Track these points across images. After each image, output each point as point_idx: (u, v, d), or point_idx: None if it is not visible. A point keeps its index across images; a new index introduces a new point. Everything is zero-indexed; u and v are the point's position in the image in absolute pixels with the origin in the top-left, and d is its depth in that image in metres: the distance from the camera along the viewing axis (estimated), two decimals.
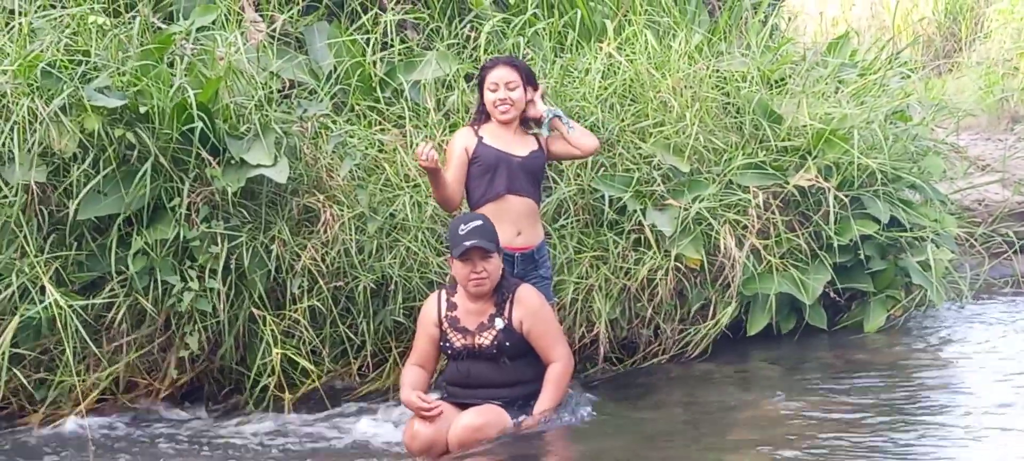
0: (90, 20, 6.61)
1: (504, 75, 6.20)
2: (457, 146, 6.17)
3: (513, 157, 6.16)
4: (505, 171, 6.13)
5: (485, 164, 6.11)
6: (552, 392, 5.78)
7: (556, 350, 5.83)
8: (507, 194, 6.12)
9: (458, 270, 5.71)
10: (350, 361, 6.73)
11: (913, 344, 7.27)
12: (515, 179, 6.16)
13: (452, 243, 5.70)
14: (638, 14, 8.20)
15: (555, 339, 5.86)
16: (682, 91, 7.48)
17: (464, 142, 6.17)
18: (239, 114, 6.60)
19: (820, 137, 7.38)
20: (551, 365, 5.81)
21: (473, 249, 5.62)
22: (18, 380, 6.13)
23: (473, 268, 5.65)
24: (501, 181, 6.12)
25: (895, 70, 9.04)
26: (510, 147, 6.18)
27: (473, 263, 5.65)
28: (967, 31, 16.92)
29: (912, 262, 7.47)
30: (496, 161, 6.11)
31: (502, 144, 6.17)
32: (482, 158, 6.12)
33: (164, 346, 6.48)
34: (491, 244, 5.67)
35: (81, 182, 6.16)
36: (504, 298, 5.78)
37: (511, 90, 6.18)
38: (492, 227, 5.74)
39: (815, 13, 15.27)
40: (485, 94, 6.22)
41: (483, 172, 6.11)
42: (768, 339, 7.26)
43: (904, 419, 5.67)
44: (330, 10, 8.20)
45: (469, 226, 5.68)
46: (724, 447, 5.49)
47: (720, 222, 7.13)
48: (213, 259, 6.28)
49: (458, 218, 5.88)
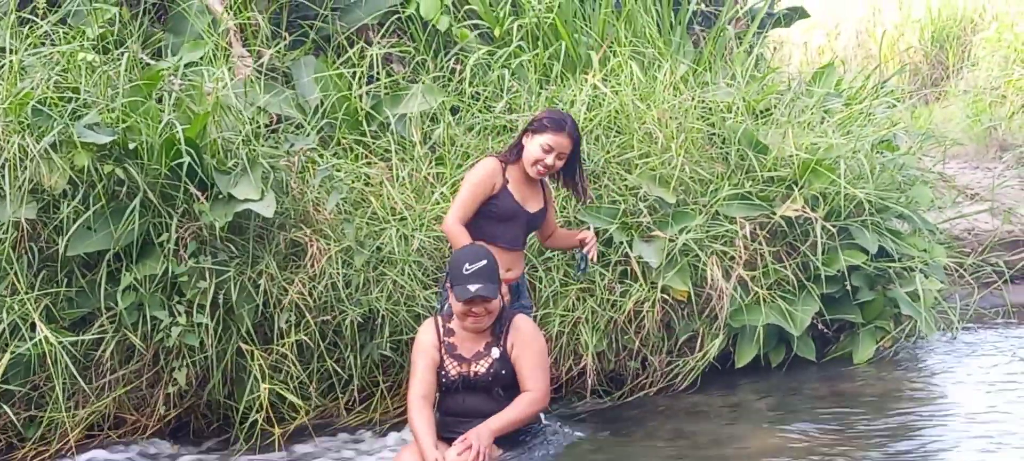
0: (79, 57, 6.62)
1: (563, 145, 6.17)
2: (486, 180, 6.13)
3: (526, 212, 6.21)
4: (515, 226, 6.19)
5: (501, 213, 6.13)
6: (512, 411, 5.66)
7: (534, 380, 5.73)
8: (511, 249, 6.19)
9: (457, 307, 5.69)
10: (338, 395, 6.73)
11: (903, 375, 7.27)
12: (521, 233, 6.24)
13: (453, 278, 5.66)
14: (623, 45, 8.24)
15: (537, 370, 5.76)
16: (668, 122, 7.51)
17: (492, 179, 6.14)
18: (227, 149, 6.60)
19: (806, 167, 7.40)
20: (524, 392, 5.73)
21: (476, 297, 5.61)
22: (8, 417, 6.12)
23: (472, 309, 5.65)
24: (510, 233, 6.18)
25: (881, 99, 9.06)
26: (526, 201, 6.21)
27: (474, 306, 5.64)
28: (954, 59, 16.98)
29: (901, 293, 7.49)
30: (512, 214, 6.14)
31: (521, 196, 6.19)
32: (501, 207, 6.14)
33: (152, 382, 6.46)
34: (495, 289, 5.64)
35: (71, 218, 6.16)
36: (502, 327, 5.77)
37: (559, 159, 6.20)
38: (496, 265, 5.70)
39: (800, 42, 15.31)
40: (535, 145, 6.15)
41: (497, 218, 6.12)
42: (756, 371, 7.27)
43: (895, 451, 5.68)
44: (317, 44, 8.23)
45: (474, 267, 5.60)
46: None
47: (707, 253, 7.14)
48: (201, 294, 6.27)
49: (463, 253, 5.78)
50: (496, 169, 6.16)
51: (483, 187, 6.12)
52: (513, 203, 6.15)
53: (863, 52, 17.73)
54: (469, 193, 6.11)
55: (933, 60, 17.33)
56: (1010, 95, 14.70)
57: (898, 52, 17.30)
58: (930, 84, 16.68)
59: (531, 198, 6.25)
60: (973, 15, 17.42)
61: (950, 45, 17.18)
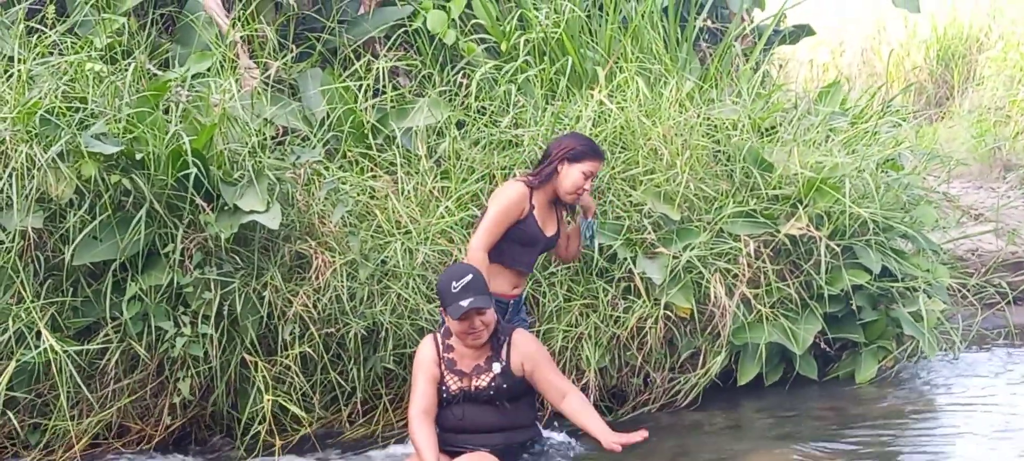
0: (87, 67, 6.65)
1: (599, 169, 6.25)
2: (515, 206, 6.09)
3: (545, 237, 6.23)
4: (534, 251, 6.23)
5: (524, 238, 6.13)
6: (592, 412, 5.80)
7: (565, 382, 5.87)
8: (525, 271, 6.24)
9: (455, 327, 5.70)
10: (341, 408, 6.74)
11: (905, 396, 7.26)
12: (537, 257, 6.32)
13: (444, 300, 5.67)
14: (629, 61, 8.24)
15: (558, 376, 5.88)
16: (673, 139, 7.52)
17: (521, 205, 6.10)
18: (233, 160, 6.63)
19: (811, 186, 7.40)
20: (569, 396, 5.79)
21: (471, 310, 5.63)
22: (12, 425, 6.14)
23: (470, 324, 5.66)
24: (528, 257, 6.21)
25: (887, 118, 9.07)
26: (546, 226, 6.23)
27: (470, 320, 5.66)
28: (959, 79, 16.98)
29: (904, 313, 7.48)
30: (533, 240, 6.15)
31: (542, 221, 6.19)
32: (525, 232, 6.13)
33: (156, 391, 6.49)
34: (486, 300, 5.66)
35: (77, 228, 6.19)
36: (500, 342, 5.78)
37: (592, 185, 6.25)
38: (482, 278, 5.73)
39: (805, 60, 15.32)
40: (575, 172, 6.14)
41: (519, 243, 6.12)
42: (758, 389, 7.26)
43: None
44: (323, 57, 8.26)
45: (461, 283, 5.63)
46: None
47: (710, 271, 7.14)
48: (206, 305, 6.29)
49: (447, 272, 5.80)
50: (524, 195, 6.13)
51: (512, 214, 6.08)
52: (536, 228, 6.15)
53: (868, 70, 17.74)
54: (498, 219, 6.07)
55: (938, 79, 17.32)
56: (1015, 115, 14.69)
57: (903, 71, 17.30)
58: (935, 103, 16.68)
59: (550, 222, 6.26)
60: (978, 34, 17.41)
61: (955, 64, 17.18)
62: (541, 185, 6.19)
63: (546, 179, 6.17)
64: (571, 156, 6.15)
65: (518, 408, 5.84)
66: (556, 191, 6.20)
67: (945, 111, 16.11)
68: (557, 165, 6.17)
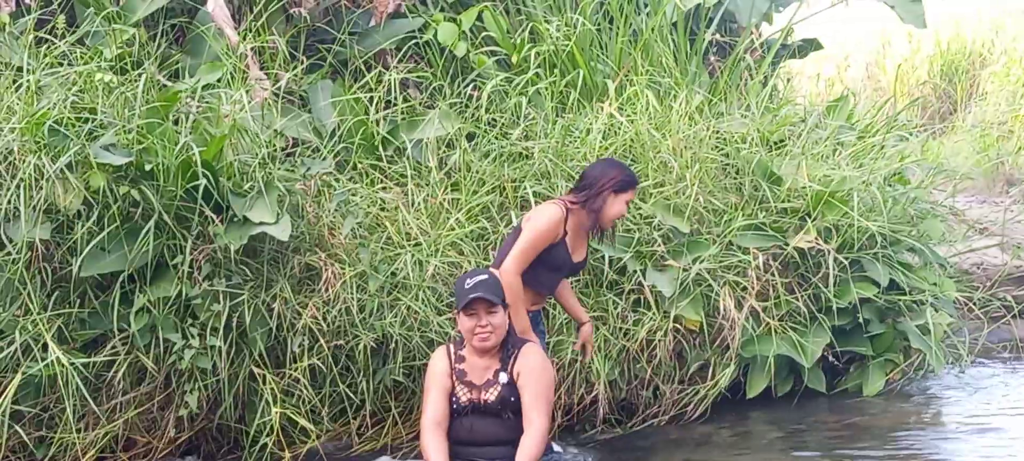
0: (97, 77, 6.64)
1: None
2: (552, 230, 5.97)
3: (572, 262, 6.15)
4: (561, 275, 6.18)
5: (553, 263, 6.05)
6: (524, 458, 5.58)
7: (535, 413, 5.61)
8: (548, 294, 6.23)
9: (464, 324, 5.69)
10: (349, 420, 6.72)
11: (912, 408, 7.27)
12: (561, 280, 6.26)
13: (458, 298, 5.69)
14: (639, 74, 8.26)
15: (540, 403, 5.66)
16: (682, 151, 7.53)
17: (557, 229, 5.99)
18: (243, 172, 6.62)
19: (819, 199, 7.42)
20: (526, 431, 5.61)
21: (478, 301, 5.61)
22: (18, 437, 6.11)
23: (478, 321, 5.64)
24: (553, 282, 6.16)
25: (895, 132, 9.08)
26: (575, 252, 6.13)
27: (478, 316, 5.64)
28: (963, 93, 17.00)
29: (911, 326, 7.49)
30: (562, 264, 6.08)
31: (573, 247, 6.10)
32: (556, 257, 6.04)
33: (163, 404, 6.46)
34: (496, 297, 5.66)
35: (85, 239, 6.17)
36: (509, 354, 5.75)
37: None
38: (497, 281, 5.73)
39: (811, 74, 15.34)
40: (620, 203, 6.08)
41: (548, 267, 6.06)
42: (767, 401, 7.26)
43: None
44: (334, 68, 8.26)
45: (474, 280, 5.65)
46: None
47: (720, 283, 7.15)
48: (214, 317, 6.27)
49: (464, 274, 5.87)
50: (561, 218, 6.00)
51: (549, 237, 5.97)
52: (565, 253, 6.07)
53: (873, 84, 17.77)
54: (535, 243, 5.95)
55: (942, 94, 17.35)
56: (1017, 130, 14.72)
57: (908, 86, 17.32)
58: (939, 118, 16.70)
59: (579, 248, 6.17)
60: (982, 50, 17.46)
61: (959, 79, 17.21)
62: (578, 206, 6.08)
63: (594, 209, 6.08)
64: (618, 187, 6.07)
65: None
66: (596, 218, 6.12)
67: (949, 125, 16.13)
68: (606, 195, 6.08)
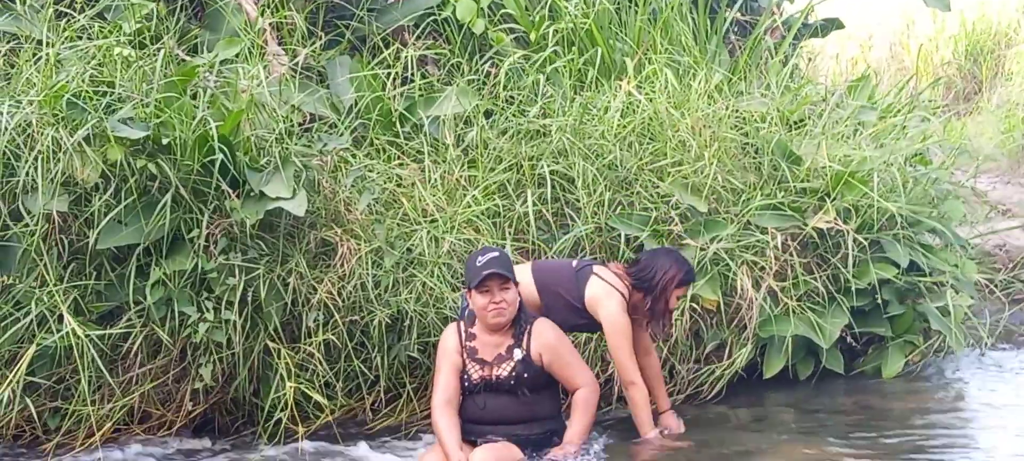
0: (115, 51, 6.65)
1: None
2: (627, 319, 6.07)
3: None
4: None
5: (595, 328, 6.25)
6: (581, 417, 5.81)
7: (580, 376, 5.86)
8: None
9: (476, 301, 5.70)
10: (364, 396, 6.73)
11: (931, 391, 7.23)
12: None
13: (470, 275, 5.71)
14: (658, 53, 8.22)
15: (577, 367, 5.89)
16: (701, 130, 7.48)
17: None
18: (260, 147, 6.63)
19: (839, 179, 7.37)
20: (577, 391, 5.83)
21: (491, 277, 5.62)
22: (32, 409, 6.14)
23: (491, 297, 5.65)
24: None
25: (915, 113, 9.01)
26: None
27: (491, 293, 5.65)
28: (987, 74, 16.87)
29: (931, 307, 7.44)
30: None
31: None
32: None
33: (178, 377, 6.49)
34: (509, 272, 5.67)
35: (102, 212, 6.20)
36: (522, 330, 5.78)
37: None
38: (508, 258, 5.75)
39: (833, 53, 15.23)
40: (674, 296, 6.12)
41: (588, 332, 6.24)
42: (784, 382, 7.23)
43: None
44: (352, 45, 8.24)
45: (486, 257, 5.69)
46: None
47: (737, 263, 7.11)
48: (230, 291, 6.29)
49: (475, 252, 5.91)
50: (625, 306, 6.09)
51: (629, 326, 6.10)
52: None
53: (896, 64, 17.65)
54: (626, 339, 6.05)
55: (966, 74, 17.22)
56: None
57: (932, 65, 17.20)
58: (963, 98, 16.58)
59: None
60: (1007, 30, 17.30)
61: (984, 59, 17.06)
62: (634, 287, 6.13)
63: (658, 311, 6.13)
64: (680, 282, 6.12)
65: (540, 399, 5.83)
66: (659, 320, 6.18)
67: (973, 106, 16.01)
68: (669, 293, 6.11)
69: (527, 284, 6.08)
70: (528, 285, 6.08)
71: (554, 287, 6.10)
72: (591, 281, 6.10)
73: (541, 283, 6.11)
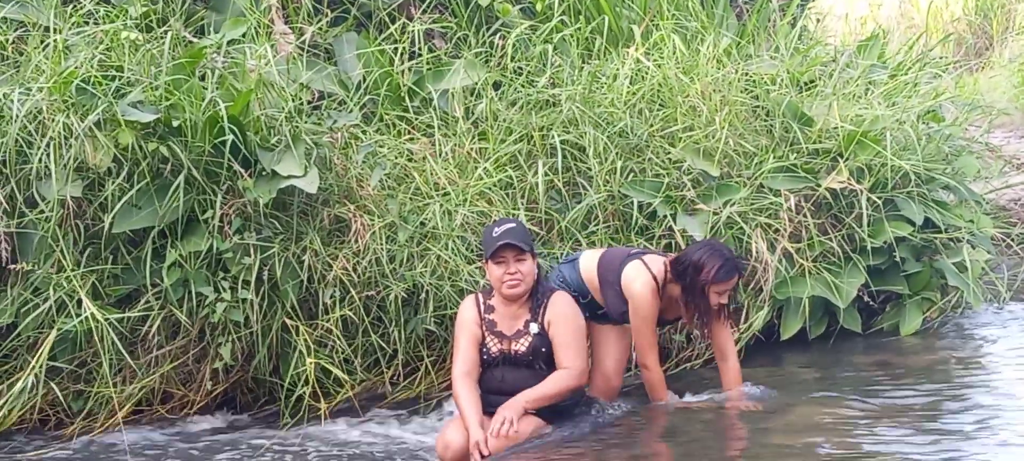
0: (123, 35, 6.66)
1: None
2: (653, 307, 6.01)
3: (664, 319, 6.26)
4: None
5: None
6: (545, 386, 5.68)
7: (568, 359, 5.74)
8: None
9: (492, 272, 5.71)
10: (383, 370, 6.75)
11: (950, 347, 7.21)
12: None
13: (486, 246, 5.72)
14: (665, 19, 8.20)
15: (574, 349, 5.77)
16: (711, 95, 7.48)
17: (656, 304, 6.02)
18: (270, 126, 6.64)
19: (851, 139, 7.35)
20: (558, 372, 5.75)
21: (506, 248, 5.62)
22: (55, 392, 6.18)
23: (507, 268, 5.65)
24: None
25: (926, 70, 8.97)
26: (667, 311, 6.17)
27: (507, 263, 5.65)
28: (998, 28, 16.80)
29: (948, 263, 7.43)
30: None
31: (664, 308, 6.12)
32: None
33: (198, 357, 6.52)
34: (525, 244, 5.67)
35: (116, 196, 6.23)
36: (539, 304, 5.78)
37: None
38: (525, 229, 5.74)
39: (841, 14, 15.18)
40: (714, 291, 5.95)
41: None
42: (802, 343, 7.23)
43: (942, 424, 5.62)
44: (358, 21, 8.23)
45: (502, 228, 5.69)
46: (759, 453, 5.46)
47: (751, 226, 7.11)
48: (246, 270, 6.31)
49: (491, 223, 5.92)
50: (656, 292, 6.00)
51: (655, 314, 6.05)
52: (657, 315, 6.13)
53: (906, 22, 17.58)
54: (649, 328, 6.04)
55: (977, 29, 17.15)
56: None
57: (942, 22, 17.13)
58: (974, 54, 16.52)
59: (672, 309, 6.16)
60: None
61: (994, 14, 16.99)
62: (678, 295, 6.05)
63: (699, 308, 6.02)
64: (714, 279, 5.91)
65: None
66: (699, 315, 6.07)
67: (985, 61, 15.95)
68: (708, 290, 5.96)
69: (591, 277, 6.09)
70: (592, 278, 6.09)
71: (607, 276, 6.07)
72: (629, 266, 6.06)
73: (601, 275, 6.09)
